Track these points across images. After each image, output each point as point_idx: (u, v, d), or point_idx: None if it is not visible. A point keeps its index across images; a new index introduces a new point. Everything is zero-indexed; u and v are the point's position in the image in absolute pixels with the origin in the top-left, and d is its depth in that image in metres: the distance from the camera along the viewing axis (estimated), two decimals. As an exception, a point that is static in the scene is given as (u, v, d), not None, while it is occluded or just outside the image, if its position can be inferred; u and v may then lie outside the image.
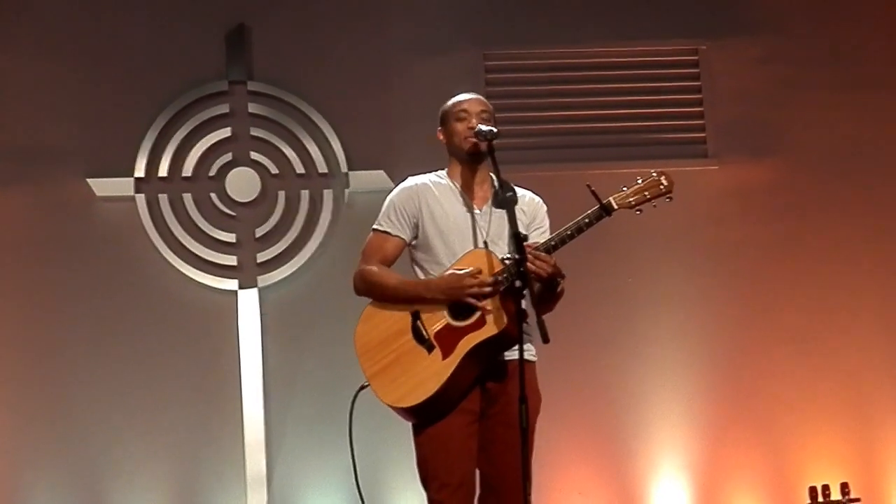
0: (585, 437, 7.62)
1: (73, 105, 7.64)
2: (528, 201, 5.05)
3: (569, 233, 4.75)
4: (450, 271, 4.76)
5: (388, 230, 4.94)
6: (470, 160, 4.96)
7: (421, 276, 4.92)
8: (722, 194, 7.93)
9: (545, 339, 4.47)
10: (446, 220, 4.90)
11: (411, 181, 5.03)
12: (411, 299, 4.78)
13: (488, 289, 4.68)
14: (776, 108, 8.05)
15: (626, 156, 7.59)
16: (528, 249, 4.67)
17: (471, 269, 4.72)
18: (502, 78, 7.94)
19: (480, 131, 4.85)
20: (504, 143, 4.95)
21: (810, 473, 7.62)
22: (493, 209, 4.94)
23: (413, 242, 4.96)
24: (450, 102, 5.04)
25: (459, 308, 4.72)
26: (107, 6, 7.76)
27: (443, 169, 5.06)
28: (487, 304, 4.70)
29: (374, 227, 4.98)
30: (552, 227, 4.90)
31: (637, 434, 7.67)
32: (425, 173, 5.05)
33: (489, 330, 4.68)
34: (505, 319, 4.67)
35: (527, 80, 7.99)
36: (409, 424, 4.84)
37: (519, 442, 4.54)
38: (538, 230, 4.97)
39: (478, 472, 4.86)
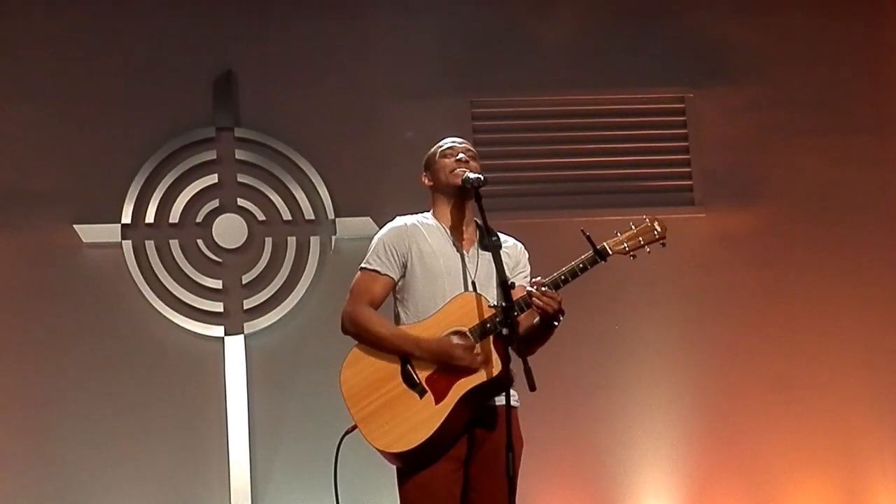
0: (571, 485, 7.60)
1: (60, 151, 7.64)
2: (511, 246, 5.06)
3: (563, 277, 4.76)
4: (443, 337, 4.73)
5: (378, 269, 4.92)
6: (457, 195, 4.97)
7: (403, 314, 4.92)
8: (708, 242, 7.95)
9: (532, 388, 4.46)
10: (435, 260, 4.89)
11: (400, 221, 5.02)
12: (400, 354, 4.75)
13: (476, 366, 4.68)
14: (762, 156, 8.08)
15: (614, 203, 7.60)
16: (535, 286, 4.70)
17: (462, 341, 4.70)
18: (489, 125, 7.96)
19: (468, 178, 4.86)
20: (491, 191, 4.94)
21: (797, 521, 7.64)
22: (480, 252, 4.95)
23: (399, 282, 4.96)
24: (433, 148, 5.09)
25: None
26: (94, 52, 7.76)
27: (428, 211, 5.08)
28: (479, 348, 4.69)
29: (363, 265, 4.96)
30: (536, 275, 4.88)
31: (623, 481, 7.65)
32: (412, 214, 5.06)
33: (483, 375, 4.67)
34: (499, 364, 4.66)
35: (514, 128, 8.01)
36: (394, 472, 4.82)
37: (503, 489, 4.53)
38: (521, 274, 4.98)
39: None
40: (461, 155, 4.99)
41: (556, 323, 4.77)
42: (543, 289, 4.71)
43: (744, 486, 7.69)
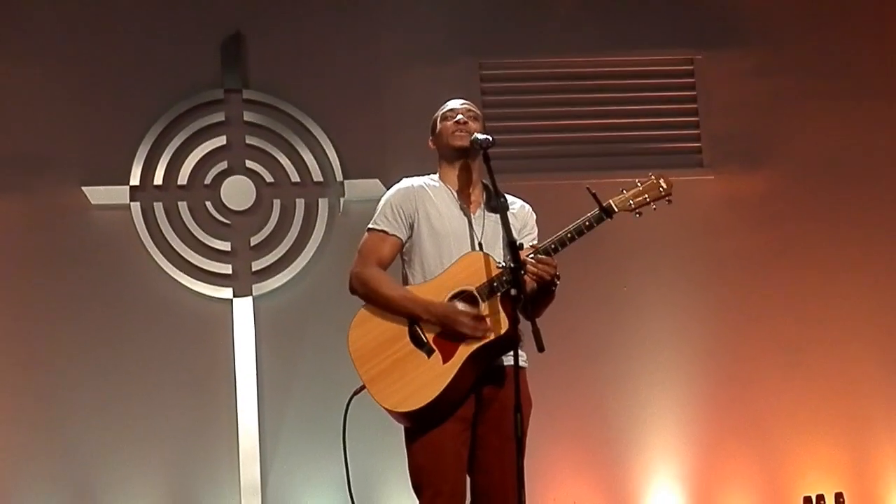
0: (579, 447, 7.62)
1: (69, 113, 7.63)
2: (519, 208, 5.07)
3: (569, 235, 4.76)
4: (451, 303, 4.73)
5: (386, 229, 4.94)
6: (458, 156, 4.98)
7: (410, 275, 4.94)
8: (717, 204, 7.94)
9: (540, 349, 4.45)
10: (442, 221, 4.91)
11: (407, 182, 5.04)
12: (408, 316, 4.76)
13: (480, 334, 4.68)
14: (771, 118, 8.06)
15: (622, 165, 7.55)
16: (529, 253, 4.70)
17: (471, 309, 4.70)
18: (497, 87, 7.95)
19: (476, 139, 4.87)
20: (499, 152, 4.96)
21: (805, 483, 7.62)
22: (487, 213, 4.95)
23: (406, 243, 4.97)
24: (437, 112, 5.11)
25: None
26: (102, 14, 7.75)
27: (434, 172, 5.08)
28: (487, 307, 4.70)
29: (371, 226, 4.97)
30: (545, 237, 4.89)
31: (631, 444, 7.67)
32: (419, 176, 5.06)
33: (491, 334, 4.67)
34: (506, 323, 4.65)
35: (522, 90, 8.00)
36: (402, 432, 4.84)
37: (511, 450, 4.53)
38: (528, 236, 4.99)
39: (468, 479, 4.86)
40: (460, 116, 4.99)
41: (553, 288, 4.78)
42: (538, 255, 4.72)
43: (751, 449, 7.70)
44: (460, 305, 4.72)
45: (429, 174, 5.07)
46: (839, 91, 8.12)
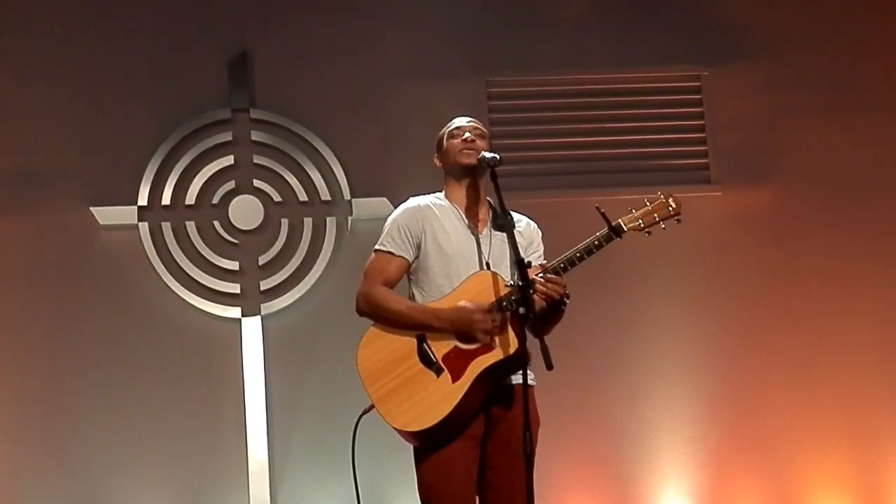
0: (587, 464, 7.61)
1: (76, 133, 7.65)
2: (525, 226, 5.07)
3: (578, 255, 4.76)
4: (460, 304, 4.74)
5: (392, 251, 4.93)
6: (465, 175, 4.98)
7: (418, 295, 4.92)
8: (725, 220, 7.93)
9: (549, 367, 4.45)
10: (448, 241, 4.90)
11: (413, 202, 5.04)
12: (418, 327, 4.76)
13: (494, 333, 4.68)
14: (779, 134, 8.07)
15: (630, 182, 7.59)
16: (538, 272, 4.70)
17: (479, 305, 4.70)
18: (504, 105, 7.95)
19: (484, 157, 4.87)
20: (506, 170, 4.94)
21: (813, 500, 7.62)
22: (493, 232, 4.95)
23: (413, 263, 4.96)
24: (443, 129, 5.11)
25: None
26: (110, 34, 7.77)
27: (440, 191, 5.08)
28: (497, 318, 4.69)
29: (377, 247, 4.97)
30: (552, 255, 4.89)
31: (640, 461, 7.66)
32: (425, 195, 5.06)
33: (500, 353, 4.67)
34: (516, 342, 4.65)
35: (529, 107, 8.00)
36: (411, 451, 4.83)
37: (521, 468, 4.52)
38: (535, 254, 4.99)
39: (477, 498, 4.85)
40: (467, 134, 4.99)
41: (562, 307, 4.78)
42: (548, 275, 4.72)
43: (760, 466, 7.69)
44: (471, 305, 4.72)
45: (435, 192, 5.08)
46: (846, 106, 8.12)
